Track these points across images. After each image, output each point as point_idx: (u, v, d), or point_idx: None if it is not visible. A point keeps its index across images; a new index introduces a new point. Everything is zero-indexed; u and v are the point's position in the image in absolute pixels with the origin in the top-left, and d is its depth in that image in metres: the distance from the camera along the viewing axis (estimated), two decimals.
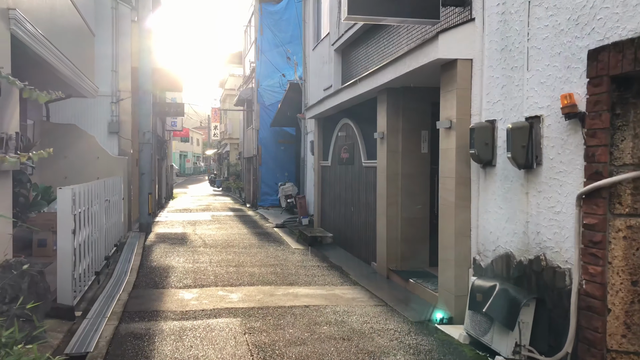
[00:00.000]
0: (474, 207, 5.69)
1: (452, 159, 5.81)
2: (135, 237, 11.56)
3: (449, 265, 5.88)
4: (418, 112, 7.75)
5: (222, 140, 40.78)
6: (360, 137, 9.51)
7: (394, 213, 7.82)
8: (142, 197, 12.66)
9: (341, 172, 10.82)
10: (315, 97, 13.34)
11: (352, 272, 8.34)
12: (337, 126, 11.00)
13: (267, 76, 20.01)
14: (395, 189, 7.81)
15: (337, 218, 11.22)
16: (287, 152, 20.32)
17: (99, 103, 12.29)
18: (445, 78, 5.95)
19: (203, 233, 12.83)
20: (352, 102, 9.37)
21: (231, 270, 8.29)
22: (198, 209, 20.14)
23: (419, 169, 7.77)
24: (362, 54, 9.86)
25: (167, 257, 9.48)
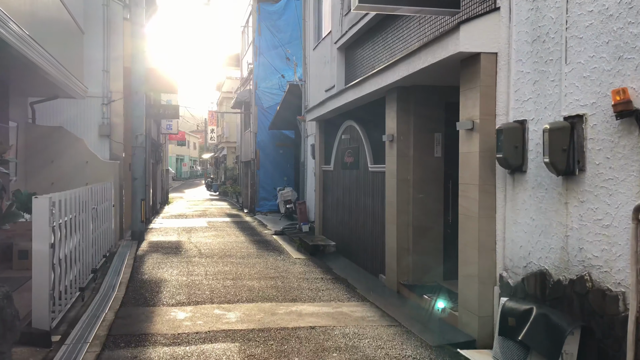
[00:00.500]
0: (500, 218, 5.10)
1: (474, 164, 5.23)
2: (126, 246, 10.93)
3: (471, 282, 5.29)
4: (430, 113, 7.17)
5: (219, 143, 40.19)
6: (366, 140, 8.92)
7: (405, 222, 7.23)
8: (134, 203, 12.04)
9: (345, 177, 10.23)
10: (316, 98, 12.77)
11: (359, 286, 7.74)
12: (340, 129, 10.41)
13: (266, 78, 19.43)
14: (406, 195, 7.22)
15: (340, 225, 10.62)
16: (286, 155, 19.73)
17: (90, 105, 11.69)
18: (466, 74, 5.37)
19: (199, 241, 12.21)
20: (357, 103, 8.79)
21: (228, 284, 7.67)
22: (194, 215, 19.51)
23: (431, 175, 7.18)
24: (367, 52, 9.28)
25: (160, 268, 8.86)
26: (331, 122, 11.35)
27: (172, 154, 58.01)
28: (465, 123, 5.35)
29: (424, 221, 7.17)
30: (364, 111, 9.06)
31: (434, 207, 7.20)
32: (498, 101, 5.11)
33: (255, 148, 19.68)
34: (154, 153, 19.30)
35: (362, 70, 9.57)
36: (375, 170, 8.43)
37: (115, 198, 11.12)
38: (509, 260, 4.96)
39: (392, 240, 7.40)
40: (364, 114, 9.08)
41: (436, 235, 7.21)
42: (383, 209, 7.90)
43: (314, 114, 11.73)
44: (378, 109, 8.29)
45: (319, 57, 13.15)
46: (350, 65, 10.39)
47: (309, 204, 14.38)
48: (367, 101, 8.57)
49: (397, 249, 7.25)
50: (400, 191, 7.23)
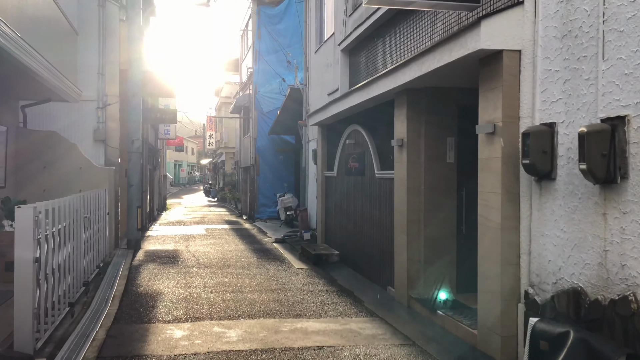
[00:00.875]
0: (524, 229, 4.70)
1: (496, 170, 4.82)
2: (122, 255, 10.49)
3: (492, 298, 4.88)
4: (443, 116, 6.78)
5: (217, 149, 39.80)
6: (372, 145, 8.52)
7: (416, 231, 6.82)
8: (130, 211, 11.61)
9: (349, 183, 9.82)
10: (318, 102, 12.38)
11: (367, 299, 7.31)
12: (344, 133, 10.02)
13: (265, 82, 19.06)
14: (416, 203, 6.82)
15: (343, 234, 10.20)
16: (286, 161, 19.33)
17: (84, 109, 11.28)
18: (487, 74, 4.98)
19: (197, 250, 11.77)
20: (363, 106, 8.40)
21: (228, 298, 7.24)
22: (192, 222, 19.07)
23: (444, 181, 6.78)
24: (373, 53, 8.90)
25: (156, 280, 8.43)
26: (334, 126, 10.96)
27: (170, 159, 57.58)
28: (486, 126, 4.95)
29: (436, 231, 6.76)
30: (370, 115, 8.67)
31: (447, 216, 6.79)
32: (522, 102, 4.72)
33: (255, 153, 19.28)
34: (151, 158, 18.89)
35: (367, 73, 9.19)
36: (382, 176, 8.02)
37: (110, 205, 10.70)
38: (535, 276, 4.54)
39: (401, 251, 6.98)
40: (370, 118, 8.69)
41: (449, 246, 6.80)
42: (391, 218, 7.49)
43: (316, 118, 11.34)
44: (385, 113, 7.90)
45: (320, 61, 12.78)
46: (355, 68, 10.01)
47: (310, 211, 13.96)
48: (373, 104, 8.18)
49: (408, 261, 6.83)
50: (410, 199, 6.82)
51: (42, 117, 10.51)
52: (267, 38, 18.82)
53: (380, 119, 8.27)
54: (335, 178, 10.85)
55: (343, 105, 9.02)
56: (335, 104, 9.53)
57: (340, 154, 10.44)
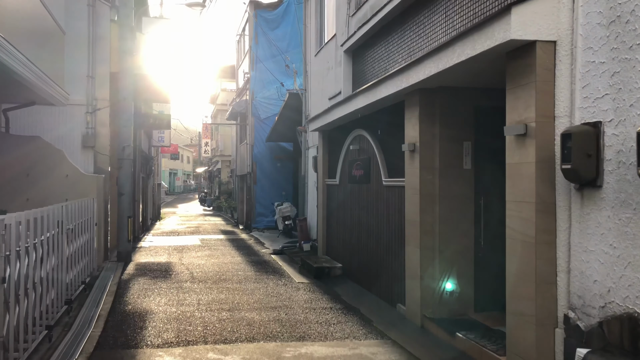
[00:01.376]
0: (562, 244, 4.13)
1: (529, 177, 4.26)
2: (111, 269, 9.86)
3: (525, 322, 4.30)
4: (459, 118, 6.23)
5: (213, 157, 39.21)
6: (379, 150, 7.96)
7: (430, 244, 6.24)
8: (120, 221, 10.99)
9: (353, 191, 9.25)
10: (318, 107, 11.84)
11: (376, 318, 6.72)
12: (348, 139, 9.46)
13: (263, 87, 18.54)
14: (431, 213, 6.25)
15: (347, 245, 9.61)
16: (284, 169, 18.76)
17: (72, 113, 10.72)
18: (516, 69, 4.44)
19: (191, 262, 11.15)
20: (369, 109, 7.86)
21: (224, 317, 6.63)
22: (186, 232, 18.43)
23: (460, 190, 6.22)
24: (380, 53, 8.37)
25: (146, 296, 7.81)
26: (336, 132, 10.41)
27: (165, 168, 56.91)
28: (515, 127, 4.39)
29: (453, 244, 6.19)
30: (376, 119, 8.12)
31: (464, 227, 6.22)
32: (558, 100, 4.17)
33: (252, 161, 18.71)
34: (144, 166, 18.28)
35: (373, 74, 8.65)
36: (391, 184, 7.46)
37: (100, 215, 10.09)
38: (577, 298, 3.97)
39: (414, 266, 6.40)
40: (377, 122, 8.14)
41: (467, 260, 6.23)
42: (402, 229, 6.92)
43: (317, 123, 10.79)
44: (394, 116, 7.36)
45: (321, 64, 12.26)
46: (359, 69, 9.48)
47: (310, 221, 13.37)
48: (380, 107, 7.65)
49: (421, 276, 6.25)
50: (424, 209, 6.25)
51: (26, 122, 9.92)
52: (265, 43, 18.32)
53: (387, 122, 7.73)
54: (337, 186, 10.28)
55: (347, 108, 8.47)
56: (338, 108, 8.99)
57: (342, 160, 9.89)
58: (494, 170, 6.29)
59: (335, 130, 10.47)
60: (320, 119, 10.46)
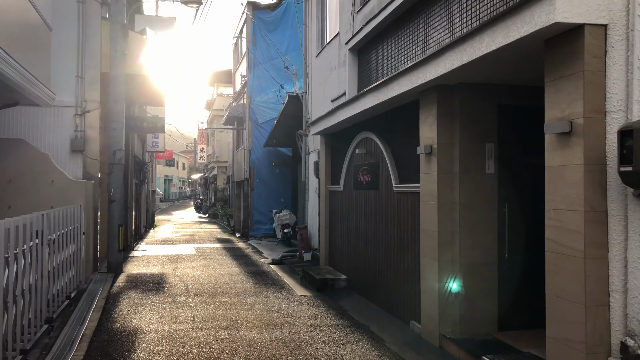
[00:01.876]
0: (617, 259, 3.56)
1: (575, 181, 3.70)
2: (100, 281, 9.22)
3: (570, 349, 3.72)
4: (480, 118, 5.67)
5: (209, 163, 38.60)
6: (388, 154, 7.40)
7: (449, 257, 5.66)
8: (111, 229, 10.36)
9: (359, 198, 8.67)
10: (320, 110, 11.29)
11: (387, 337, 6.12)
12: (353, 142, 8.90)
13: (261, 91, 17.98)
14: (449, 223, 5.67)
15: (352, 256, 9.02)
16: (283, 175, 18.16)
17: (60, 115, 10.10)
18: (557, 57, 3.88)
19: (185, 273, 10.52)
20: (378, 110, 7.31)
21: (222, 336, 6.02)
22: (181, 240, 17.79)
23: (482, 196, 5.65)
24: (388, 50, 7.82)
25: (137, 313, 7.18)
26: (340, 135, 9.85)
27: (161, 174, 56.24)
28: (558, 125, 3.83)
29: (475, 256, 5.61)
30: (385, 120, 7.56)
31: (487, 237, 5.65)
32: (610, 92, 3.61)
33: (249, 167, 18.11)
34: (137, 172, 17.66)
35: (381, 73, 8.10)
36: (402, 190, 6.88)
37: (88, 223, 9.47)
38: (636, 323, 3.40)
39: (431, 280, 5.81)
40: (386, 124, 7.58)
41: (489, 274, 5.65)
42: (416, 240, 6.34)
43: (319, 126, 10.23)
44: (406, 116, 6.80)
45: (323, 64, 11.72)
46: (365, 68, 8.93)
47: (310, 229, 12.78)
48: (390, 107, 7.10)
49: (440, 292, 5.66)
50: (442, 218, 5.68)
51: (9, 124, 9.31)
52: (263, 45, 17.79)
53: (398, 124, 7.17)
54: (341, 193, 9.70)
55: (353, 109, 7.92)
56: (343, 109, 8.43)
57: (347, 165, 9.32)
58: (520, 174, 5.76)
59: (339, 134, 9.91)
60: (323, 122, 9.90)
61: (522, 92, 5.70)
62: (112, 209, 10.32)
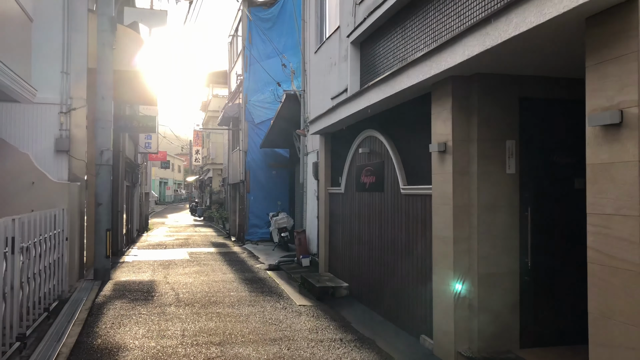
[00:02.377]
0: None
1: (627, 181, 3.15)
2: (85, 289, 8.63)
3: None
4: (501, 112, 5.13)
5: (204, 165, 38.02)
6: (395, 153, 6.85)
7: (466, 265, 5.11)
8: (97, 234, 9.77)
9: (362, 201, 8.12)
10: (319, 108, 10.74)
11: (397, 354, 5.56)
12: (355, 141, 8.35)
13: (257, 90, 17.43)
14: (466, 228, 5.12)
15: (354, 262, 8.46)
16: (280, 177, 17.60)
17: (44, 113, 9.51)
18: (602, 37, 3.34)
19: (177, 281, 9.93)
20: (384, 105, 6.76)
21: (214, 354, 5.44)
22: (174, 244, 17.18)
23: (503, 199, 5.10)
24: (394, 41, 7.28)
25: (122, 325, 6.59)
26: (341, 134, 9.30)
27: (156, 177, 55.59)
28: (605, 115, 3.28)
29: (494, 265, 5.05)
30: (391, 116, 7.01)
31: (507, 244, 5.10)
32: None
33: (245, 169, 17.53)
34: (129, 174, 17.06)
35: (385, 66, 7.56)
36: (411, 193, 6.33)
37: (73, 228, 8.89)
38: None
39: (444, 291, 5.26)
40: (392, 121, 7.03)
41: (510, 285, 5.10)
42: (427, 246, 5.79)
43: (319, 125, 9.68)
44: (415, 112, 6.26)
45: (322, 61, 11.18)
46: (368, 63, 8.39)
47: (309, 234, 12.21)
48: (398, 102, 6.55)
49: (455, 304, 5.11)
50: (458, 222, 5.13)
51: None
52: (259, 43, 17.24)
53: (406, 120, 6.62)
54: (342, 195, 9.14)
55: (356, 106, 7.37)
56: (345, 106, 7.88)
57: (349, 166, 8.76)
58: (544, 174, 5.22)
59: (340, 133, 9.36)
60: (323, 120, 9.35)
61: (546, 83, 5.17)
62: (99, 212, 9.72)
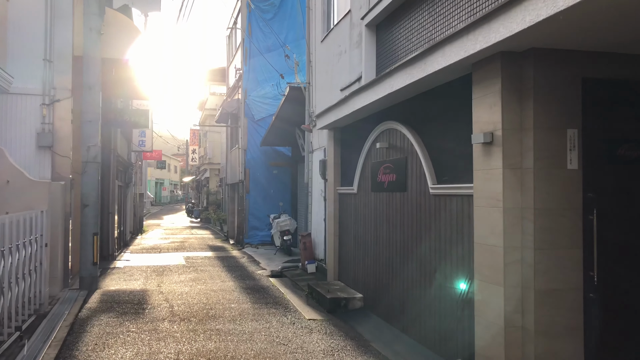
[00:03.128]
0: None
1: None
2: (68, 301, 7.73)
3: None
4: (561, 95, 4.26)
5: (201, 165, 37.09)
6: (421, 147, 5.97)
7: (517, 279, 4.24)
8: (84, 239, 8.86)
9: (379, 202, 7.24)
10: (326, 101, 9.88)
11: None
12: (371, 135, 7.48)
13: (257, 85, 16.54)
14: (519, 235, 4.25)
15: (370, 270, 7.59)
16: (281, 177, 16.70)
17: (23, 104, 8.63)
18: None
19: (172, 290, 9.03)
20: (409, 92, 5.89)
21: None
22: (170, 248, 16.27)
23: (563, 200, 4.23)
24: (419, 19, 6.40)
25: (106, 347, 5.69)
26: (353, 128, 8.43)
27: (152, 177, 54.59)
28: None
29: (553, 280, 4.18)
30: (416, 106, 6.14)
31: (569, 255, 4.22)
32: None
33: (245, 168, 16.63)
34: (122, 173, 16.14)
35: (408, 48, 6.68)
36: (443, 193, 5.45)
37: (55, 233, 8.00)
38: None
39: (492, 311, 4.38)
40: (417, 110, 6.16)
41: (572, 304, 4.22)
42: (465, 256, 4.92)
43: (327, 119, 8.81)
44: (447, 99, 5.39)
45: (329, 50, 10.31)
46: (386, 46, 7.51)
47: (315, 237, 11.33)
48: (425, 89, 5.68)
49: (505, 327, 4.23)
50: (509, 228, 4.25)
51: None
52: (259, 35, 16.36)
53: (434, 109, 5.75)
54: (355, 196, 8.27)
55: (373, 95, 6.50)
56: (360, 96, 7.01)
57: (362, 164, 7.89)
58: (612, 170, 4.35)
59: (352, 127, 8.49)
60: (332, 113, 8.49)
61: (616, 61, 4.30)
62: (85, 214, 8.81)
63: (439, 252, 5.50)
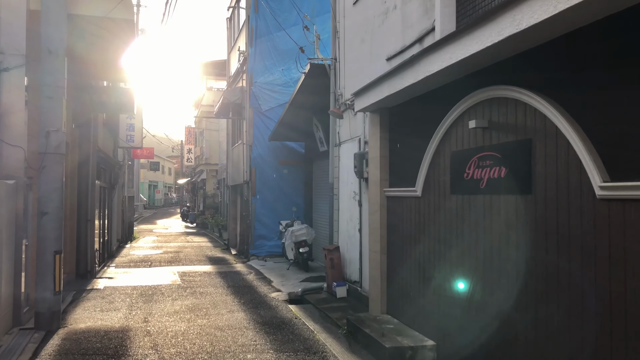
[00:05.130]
0: None
1: None
2: (11, 351, 5.35)
3: None
4: None
5: (197, 166, 34.67)
6: (572, 124, 3.64)
7: None
8: (41, 259, 6.47)
9: (467, 209, 4.91)
10: (363, 77, 7.59)
11: None
12: (451, 113, 5.16)
13: (265, 70, 14.20)
14: None
15: (447, 307, 5.26)
16: (293, 177, 14.31)
17: None
18: None
19: (163, 329, 6.65)
20: (544, 32, 3.58)
21: None
22: (162, 260, 13.87)
23: None
24: None
25: None
26: (411, 107, 6.14)
27: (145, 179, 52.10)
28: None
29: None
30: (552, 59, 3.82)
31: None
32: None
33: (250, 167, 14.24)
34: (106, 173, 13.74)
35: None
36: (627, 196, 3.13)
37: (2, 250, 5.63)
38: None
39: None
40: (555, 66, 3.84)
41: None
42: None
43: (370, 97, 6.57)
44: (622, 43, 3.08)
45: (367, 11, 8.01)
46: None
47: (344, 252, 8.98)
48: (582, 23, 3.37)
49: None
50: None
51: None
52: (266, 13, 14.00)
53: (598, 59, 3.43)
54: (418, 200, 5.93)
55: (462, 49, 4.21)
56: (435, 55, 4.73)
57: (433, 154, 5.57)
58: None
59: (409, 106, 6.19)
60: (377, 90, 6.26)
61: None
62: (43, 226, 6.41)
63: (612, 291, 3.16)
